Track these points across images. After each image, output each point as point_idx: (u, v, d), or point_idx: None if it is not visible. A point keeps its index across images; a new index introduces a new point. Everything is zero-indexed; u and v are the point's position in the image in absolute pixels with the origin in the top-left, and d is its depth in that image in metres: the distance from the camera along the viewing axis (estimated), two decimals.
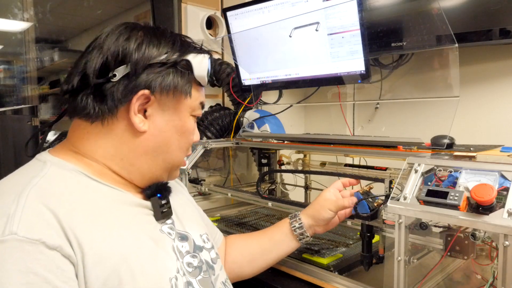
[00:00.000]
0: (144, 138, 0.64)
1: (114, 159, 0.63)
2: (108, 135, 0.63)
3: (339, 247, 1.09)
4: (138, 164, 0.65)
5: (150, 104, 0.63)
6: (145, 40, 0.62)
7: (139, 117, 0.62)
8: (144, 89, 0.61)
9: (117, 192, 0.63)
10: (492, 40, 1.09)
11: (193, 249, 0.70)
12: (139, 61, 0.61)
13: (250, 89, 1.53)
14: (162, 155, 0.66)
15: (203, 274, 0.69)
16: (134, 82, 0.60)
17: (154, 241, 0.63)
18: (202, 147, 1.39)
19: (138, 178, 0.66)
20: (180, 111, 0.66)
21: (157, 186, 0.68)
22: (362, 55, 1.17)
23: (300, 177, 1.51)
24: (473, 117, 1.31)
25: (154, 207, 0.66)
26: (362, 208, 0.87)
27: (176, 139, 0.67)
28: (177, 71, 0.64)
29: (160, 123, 0.64)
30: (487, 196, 0.64)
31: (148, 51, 0.61)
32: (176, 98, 0.65)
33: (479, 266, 0.77)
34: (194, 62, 0.65)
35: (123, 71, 0.60)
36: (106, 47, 0.61)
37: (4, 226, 0.49)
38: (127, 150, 0.64)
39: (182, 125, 0.67)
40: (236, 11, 1.42)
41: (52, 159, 0.61)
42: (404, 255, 0.74)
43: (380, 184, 0.93)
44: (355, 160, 1.38)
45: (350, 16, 1.15)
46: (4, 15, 1.79)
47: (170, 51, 0.63)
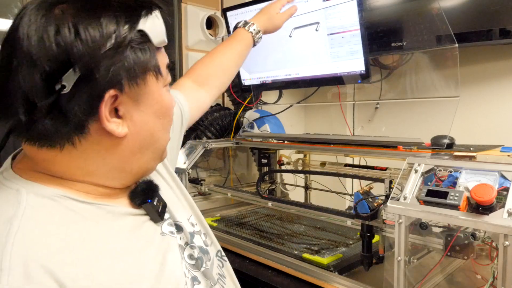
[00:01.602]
0: (127, 140, 0.54)
1: (99, 173, 0.54)
2: (85, 154, 0.52)
3: (339, 247, 1.09)
4: (128, 168, 0.57)
5: (120, 101, 0.51)
6: (80, 22, 0.46)
7: (114, 122, 0.51)
8: (109, 90, 0.48)
9: (109, 209, 0.55)
10: (492, 40, 1.09)
11: (189, 239, 0.66)
12: (87, 58, 0.46)
13: (250, 89, 1.53)
14: (151, 147, 0.58)
15: (204, 265, 0.65)
16: (94, 86, 0.47)
17: (158, 256, 0.57)
18: (202, 147, 1.39)
19: (130, 180, 0.59)
20: (154, 92, 0.55)
21: (143, 191, 0.60)
22: (362, 55, 1.17)
23: (300, 177, 1.51)
24: (473, 117, 1.31)
25: (149, 212, 0.59)
26: (362, 208, 0.87)
27: (159, 124, 0.57)
28: (135, 49, 0.50)
29: (138, 117, 0.54)
30: (487, 196, 0.64)
31: (91, 38, 0.46)
32: (145, 81, 0.53)
33: (479, 266, 0.77)
34: (148, 29, 0.52)
35: (73, 77, 0.46)
36: (35, 56, 0.45)
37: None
38: (112, 161, 0.54)
39: (161, 106, 0.56)
40: (236, 11, 1.42)
41: (25, 185, 0.50)
42: (404, 255, 0.74)
43: (380, 184, 0.93)
44: (355, 160, 1.38)
45: (350, 16, 1.15)
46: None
47: (117, 26, 0.49)
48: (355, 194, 0.91)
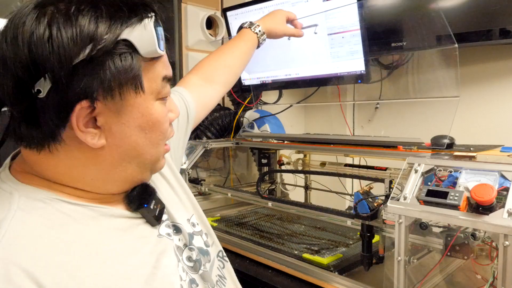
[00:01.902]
0: (105, 152, 0.51)
1: (83, 181, 0.52)
2: (63, 161, 0.50)
3: (339, 247, 1.09)
4: (111, 179, 0.54)
5: (98, 112, 0.48)
6: (54, 25, 0.43)
7: (90, 132, 0.48)
8: (81, 101, 0.46)
9: (102, 211, 0.53)
10: (492, 40, 1.09)
11: (188, 241, 0.64)
12: (57, 68, 0.43)
13: (250, 89, 1.53)
14: (135, 160, 0.54)
15: (203, 268, 0.64)
16: (64, 97, 0.45)
17: (153, 258, 0.56)
18: (202, 147, 1.39)
19: (118, 189, 0.57)
20: (139, 105, 0.51)
21: (139, 196, 0.57)
22: (362, 55, 1.17)
23: (300, 177, 1.51)
24: (473, 117, 1.31)
25: (145, 216, 0.58)
26: (362, 208, 0.87)
27: (145, 138, 0.53)
28: (115, 59, 0.46)
29: (118, 130, 0.50)
30: (487, 196, 0.64)
31: (63, 45, 0.43)
32: (123, 94, 0.49)
33: (479, 266, 0.77)
34: (134, 38, 0.47)
35: (46, 85, 0.44)
36: (9, 60, 0.44)
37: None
38: (93, 170, 0.52)
39: (147, 119, 0.52)
40: (236, 11, 1.42)
41: (18, 187, 0.50)
42: (404, 255, 0.74)
43: (380, 184, 0.93)
44: (355, 160, 1.38)
45: (350, 16, 1.15)
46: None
47: (96, 33, 0.45)
48: (355, 194, 0.91)
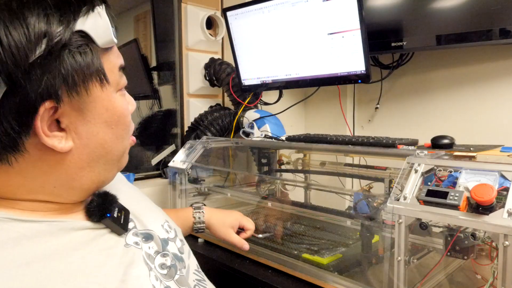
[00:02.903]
0: (72, 155, 0.48)
1: (44, 191, 0.48)
2: (24, 172, 0.46)
3: (339, 247, 1.09)
4: (78, 184, 0.50)
5: (61, 113, 0.45)
6: (3, 26, 0.39)
7: (55, 136, 0.45)
8: (44, 102, 0.42)
9: (61, 225, 0.49)
10: (492, 40, 1.09)
11: (161, 247, 0.61)
12: (11, 68, 0.39)
13: (250, 89, 1.53)
14: (103, 159, 0.51)
15: (179, 273, 0.61)
16: (25, 99, 0.41)
17: (121, 268, 0.51)
18: (202, 147, 1.39)
19: (82, 195, 0.53)
20: (102, 100, 0.48)
21: (99, 205, 0.53)
22: (362, 55, 1.17)
23: (300, 177, 1.51)
24: (473, 117, 1.31)
25: (110, 226, 0.53)
26: (362, 208, 0.87)
27: (111, 133, 0.51)
28: (74, 53, 0.43)
29: (84, 129, 0.47)
30: (487, 196, 0.64)
31: (15, 43, 0.39)
32: (88, 89, 0.46)
33: (479, 266, 0.77)
34: (88, 28, 0.44)
35: (0, 89, 0.40)
36: None
37: None
38: (57, 178, 0.48)
39: (112, 114, 0.50)
40: (236, 11, 1.42)
41: None
42: (404, 255, 0.74)
43: (380, 184, 0.93)
44: (355, 160, 1.38)
45: (350, 16, 1.15)
46: None
47: (48, 27, 0.41)
48: (355, 194, 0.91)
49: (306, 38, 1.28)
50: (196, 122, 1.67)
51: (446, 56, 1.35)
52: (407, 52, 1.37)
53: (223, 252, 1.12)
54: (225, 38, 1.82)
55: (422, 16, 1.21)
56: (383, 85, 1.50)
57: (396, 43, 1.27)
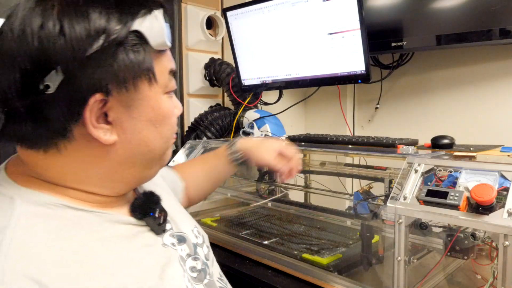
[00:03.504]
0: (117, 148, 0.50)
1: (90, 181, 0.50)
2: (72, 160, 0.48)
3: (339, 247, 1.09)
4: (119, 177, 0.52)
5: (109, 106, 0.47)
6: (65, 18, 0.42)
7: (102, 128, 0.47)
8: (94, 94, 0.45)
9: (107, 217, 0.51)
10: (492, 40, 1.09)
11: (193, 250, 0.62)
12: (70, 59, 0.42)
13: (250, 89, 1.53)
14: (145, 157, 0.53)
15: (208, 277, 0.62)
16: (78, 90, 0.43)
17: (158, 267, 0.53)
18: (202, 147, 1.39)
19: (124, 189, 0.55)
20: (149, 99, 0.50)
21: (144, 204, 0.56)
22: (362, 55, 1.17)
23: (300, 177, 1.51)
24: (473, 117, 1.31)
25: (151, 225, 0.56)
26: (362, 208, 0.87)
27: (155, 132, 0.53)
28: (128, 51, 0.46)
29: (129, 125, 0.49)
30: (487, 196, 0.64)
31: (76, 37, 0.42)
32: (137, 86, 0.48)
33: (479, 266, 0.77)
34: (145, 29, 0.47)
35: (57, 78, 0.42)
36: (16, 52, 0.42)
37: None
38: (101, 169, 0.50)
39: (157, 113, 0.52)
40: (236, 11, 1.42)
41: (19, 191, 0.47)
42: (404, 255, 0.74)
43: (380, 184, 0.93)
44: (355, 160, 1.38)
45: (350, 16, 1.15)
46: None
47: (107, 24, 0.44)
48: (355, 194, 0.91)
49: (306, 38, 1.28)
50: (196, 122, 1.67)
51: (446, 56, 1.35)
52: (407, 52, 1.37)
53: (223, 252, 1.12)
54: (225, 38, 1.82)
55: (422, 16, 1.21)
56: (383, 85, 1.50)
57: (396, 43, 1.27)
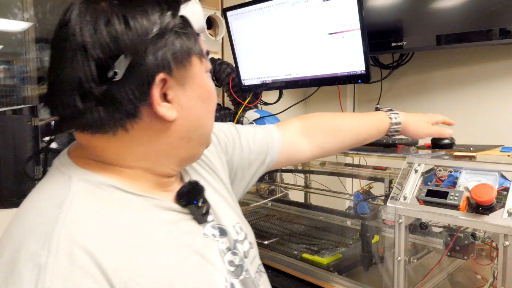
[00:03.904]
0: (175, 125, 0.55)
1: (148, 158, 0.55)
2: (136, 139, 0.53)
3: (339, 247, 1.09)
4: (175, 153, 0.57)
5: (168, 86, 0.52)
6: (128, 12, 0.49)
7: (164, 106, 0.52)
8: (159, 73, 0.51)
9: (154, 202, 0.55)
10: (492, 40, 1.09)
11: (233, 245, 0.64)
12: (137, 44, 0.48)
13: (250, 89, 1.53)
14: (197, 132, 0.58)
15: (245, 274, 0.63)
16: (145, 71, 0.49)
17: (199, 254, 0.56)
18: None
19: (178, 166, 0.59)
20: (197, 77, 0.56)
21: (189, 192, 0.59)
22: (362, 55, 1.17)
23: (300, 177, 1.51)
24: (473, 117, 1.31)
25: (194, 213, 0.59)
26: (362, 208, 0.87)
27: (205, 108, 0.58)
28: (179, 34, 0.52)
29: (185, 101, 0.55)
30: (487, 196, 0.64)
31: (139, 25, 0.49)
32: (190, 65, 0.54)
33: (479, 266, 0.77)
34: (188, 14, 0.54)
35: (124, 63, 0.48)
36: (89, 45, 0.48)
37: (36, 280, 0.41)
38: (161, 145, 0.55)
39: (204, 90, 0.58)
40: (236, 11, 1.42)
41: (77, 171, 0.52)
42: (404, 255, 0.74)
43: (380, 184, 0.93)
44: (355, 160, 1.38)
45: (350, 16, 1.15)
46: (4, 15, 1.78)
47: (161, 13, 0.51)
48: (355, 194, 0.91)
49: (306, 38, 1.28)
50: None
51: (446, 56, 1.35)
52: (407, 52, 1.37)
53: None
54: (225, 38, 1.82)
55: (422, 16, 1.21)
56: (383, 85, 1.50)
57: (396, 43, 1.27)
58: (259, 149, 0.80)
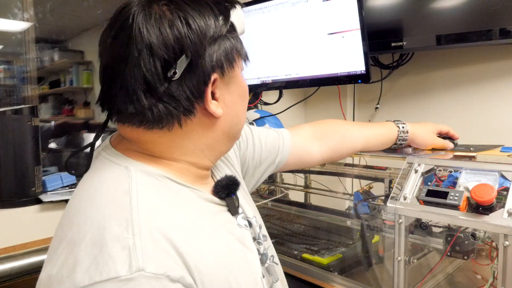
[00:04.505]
0: (220, 121, 0.59)
1: (194, 153, 0.59)
2: (187, 134, 0.57)
3: (339, 247, 1.09)
4: (217, 147, 0.61)
5: (216, 85, 0.56)
6: (188, 16, 0.53)
7: (213, 104, 0.56)
8: (213, 73, 0.55)
9: (198, 193, 0.59)
10: (492, 40, 1.09)
11: (257, 235, 0.68)
12: (197, 45, 0.52)
13: (250, 89, 1.53)
14: (236, 128, 0.63)
15: (268, 262, 0.67)
16: (202, 71, 0.53)
17: (240, 242, 0.60)
18: None
19: (215, 159, 0.63)
20: (238, 77, 0.61)
21: (228, 185, 0.63)
22: (362, 55, 1.17)
23: (300, 177, 1.51)
24: (473, 117, 1.31)
25: (230, 205, 0.62)
26: (362, 208, 0.87)
27: (241, 106, 0.63)
28: (228, 38, 0.57)
29: (229, 99, 0.59)
30: (487, 196, 0.64)
31: (199, 28, 0.53)
32: (236, 66, 0.59)
33: (479, 266, 0.77)
34: (234, 20, 0.58)
35: (184, 63, 0.52)
36: (155, 46, 0.51)
37: (129, 261, 0.43)
38: (207, 140, 0.59)
39: (242, 89, 0.62)
40: None
41: (131, 163, 0.55)
42: (404, 255, 0.74)
43: (380, 184, 0.93)
44: (355, 160, 1.38)
45: (350, 16, 1.15)
46: (4, 15, 1.78)
47: (215, 17, 0.55)
48: (355, 194, 0.91)
49: (306, 38, 1.28)
50: None
51: (446, 56, 1.35)
52: (407, 52, 1.37)
53: None
54: None
55: (422, 16, 1.21)
56: (383, 85, 1.50)
57: (396, 43, 1.27)
58: (270, 149, 0.83)
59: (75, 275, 0.43)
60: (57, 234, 0.50)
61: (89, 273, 0.42)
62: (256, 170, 0.83)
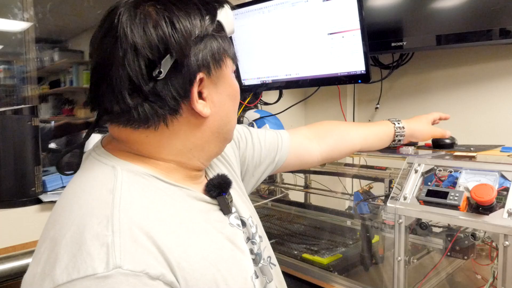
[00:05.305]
0: (208, 121, 0.59)
1: (182, 153, 0.58)
2: (174, 134, 0.57)
3: (339, 247, 1.09)
4: (206, 147, 0.61)
5: (203, 85, 0.56)
6: (173, 16, 0.53)
7: (200, 103, 0.56)
8: (199, 73, 0.55)
9: (187, 192, 0.59)
10: (492, 40, 1.09)
11: (251, 235, 0.67)
12: (182, 45, 0.52)
13: (250, 89, 1.53)
14: (226, 128, 0.62)
15: (262, 262, 0.67)
16: (188, 70, 0.53)
17: (230, 241, 0.60)
18: None
19: (207, 160, 0.63)
20: (228, 77, 0.61)
21: (219, 184, 0.63)
22: (362, 55, 1.17)
23: (300, 177, 1.51)
24: (473, 117, 1.31)
25: (222, 204, 0.62)
26: (362, 208, 0.87)
27: (232, 106, 0.63)
28: (215, 37, 0.56)
29: (217, 99, 0.59)
30: (487, 196, 0.64)
31: (184, 27, 0.53)
32: (224, 66, 0.59)
33: (479, 266, 0.77)
34: (222, 19, 0.58)
35: (169, 63, 0.52)
36: (140, 46, 0.51)
37: (107, 258, 0.43)
38: (195, 140, 0.59)
39: (232, 89, 0.62)
40: (236, 11, 1.42)
41: (118, 162, 0.55)
42: (404, 255, 0.74)
43: (380, 184, 0.93)
44: (355, 160, 1.38)
45: (350, 16, 1.15)
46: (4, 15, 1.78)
47: (201, 17, 0.55)
48: (355, 194, 0.91)
49: (306, 38, 1.28)
50: None
51: (446, 56, 1.35)
52: (407, 52, 1.37)
53: None
54: None
55: (422, 16, 1.21)
56: (383, 85, 1.50)
57: (396, 43, 1.27)
58: (270, 148, 0.84)
59: (54, 272, 0.43)
60: (42, 233, 0.50)
61: (67, 270, 0.43)
62: (256, 170, 0.83)
